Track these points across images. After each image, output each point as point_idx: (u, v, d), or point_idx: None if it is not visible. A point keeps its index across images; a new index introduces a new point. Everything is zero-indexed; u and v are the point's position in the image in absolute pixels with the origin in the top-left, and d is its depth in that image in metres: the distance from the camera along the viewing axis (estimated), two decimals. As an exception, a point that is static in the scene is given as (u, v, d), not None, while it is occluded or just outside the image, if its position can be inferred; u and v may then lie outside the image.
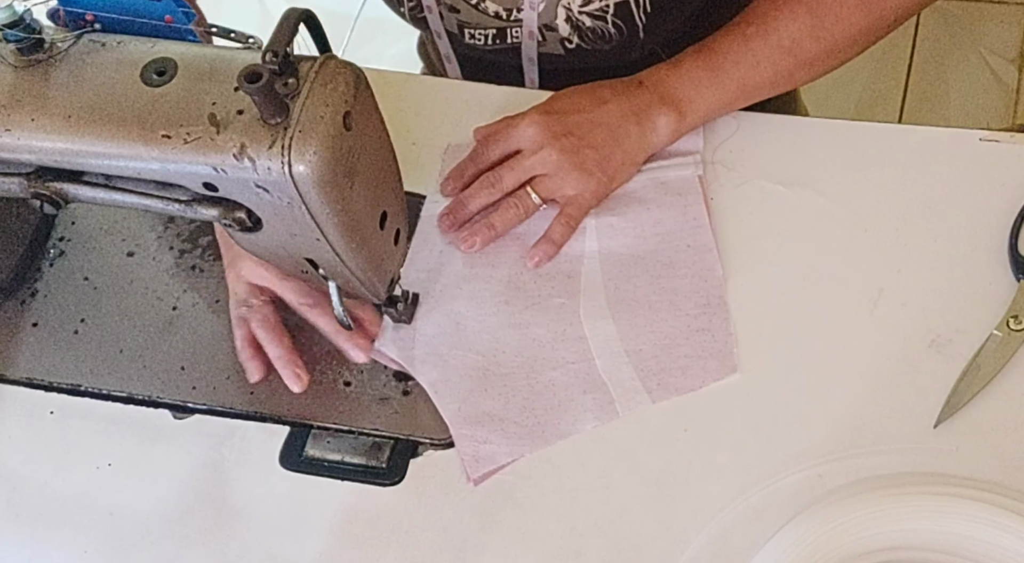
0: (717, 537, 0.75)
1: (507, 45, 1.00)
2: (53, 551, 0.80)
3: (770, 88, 0.89)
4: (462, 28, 1.00)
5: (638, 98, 0.87)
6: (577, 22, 0.95)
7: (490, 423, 0.80)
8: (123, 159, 0.67)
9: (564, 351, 0.83)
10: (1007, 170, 0.86)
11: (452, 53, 1.05)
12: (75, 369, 0.87)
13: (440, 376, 0.83)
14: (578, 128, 0.86)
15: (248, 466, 0.82)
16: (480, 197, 0.88)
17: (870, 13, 0.86)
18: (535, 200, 0.87)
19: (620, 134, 0.87)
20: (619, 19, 0.94)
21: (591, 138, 0.86)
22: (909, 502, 0.72)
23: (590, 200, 0.87)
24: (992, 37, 1.89)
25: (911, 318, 0.81)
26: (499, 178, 0.87)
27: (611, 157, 0.86)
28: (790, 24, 0.85)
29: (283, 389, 0.84)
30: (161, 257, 0.92)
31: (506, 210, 0.87)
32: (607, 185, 0.87)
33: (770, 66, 0.87)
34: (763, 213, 0.87)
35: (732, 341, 0.81)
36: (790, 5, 0.86)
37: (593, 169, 0.86)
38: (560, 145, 0.86)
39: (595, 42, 0.96)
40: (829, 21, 0.85)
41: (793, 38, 0.86)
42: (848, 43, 0.87)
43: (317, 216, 0.68)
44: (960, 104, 1.85)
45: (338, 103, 0.65)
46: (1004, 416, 0.77)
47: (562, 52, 0.98)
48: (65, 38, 0.69)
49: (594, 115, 0.87)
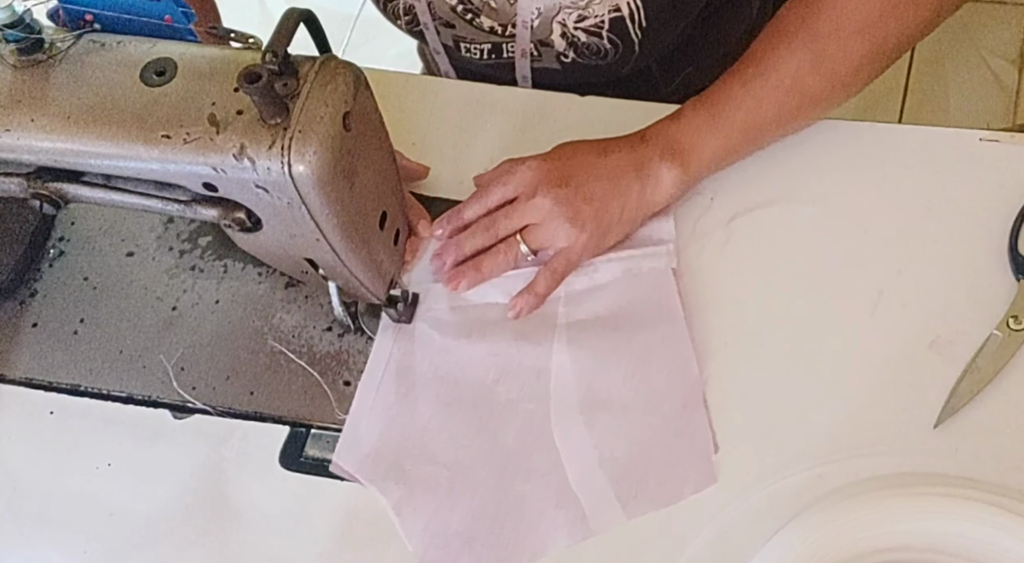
0: (717, 537, 0.75)
1: (503, 60, 1.00)
2: (53, 551, 0.80)
3: (776, 128, 0.86)
4: (458, 43, 1.00)
5: (640, 152, 0.84)
6: (572, 38, 0.95)
7: (459, 545, 0.76)
8: (123, 159, 0.67)
9: (535, 460, 0.78)
10: (1007, 170, 0.86)
11: (451, 69, 1.05)
12: (75, 369, 0.87)
13: (405, 493, 0.78)
14: (575, 178, 0.83)
15: (248, 466, 0.82)
16: (474, 240, 0.85)
17: (870, 40, 0.83)
18: (523, 250, 0.84)
19: (620, 188, 0.83)
20: (614, 34, 0.93)
21: (588, 189, 0.83)
22: (909, 502, 0.72)
23: (580, 254, 0.84)
24: (992, 37, 1.89)
25: (911, 319, 0.81)
26: (493, 222, 0.85)
27: (607, 211, 0.83)
28: (789, 61, 0.83)
29: (283, 389, 0.84)
30: (161, 257, 0.92)
31: (494, 256, 0.84)
32: (600, 240, 0.84)
33: (774, 106, 0.84)
34: (763, 213, 0.87)
35: (711, 445, 0.77)
36: (787, 41, 0.83)
37: (587, 222, 0.83)
38: (555, 194, 0.83)
39: (591, 57, 0.96)
40: (829, 53, 0.82)
41: (794, 75, 0.83)
42: (851, 74, 0.84)
43: (317, 216, 0.68)
44: (960, 104, 1.85)
45: (338, 103, 0.65)
46: (1004, 416, 0.77)
47: (558, 67, 0.98)
48: (65, 38, 0.69)
49: (594, 166, 0.84)
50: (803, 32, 0.83)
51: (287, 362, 0.86)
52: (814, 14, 0.83)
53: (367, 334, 0.86)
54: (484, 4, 0.95)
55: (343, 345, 0.86)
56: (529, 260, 0.85)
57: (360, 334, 0.86)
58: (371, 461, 0.80)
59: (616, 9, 0.92)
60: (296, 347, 0.86)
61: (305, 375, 0.85)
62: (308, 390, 0.84)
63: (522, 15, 0.94)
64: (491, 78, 1.00)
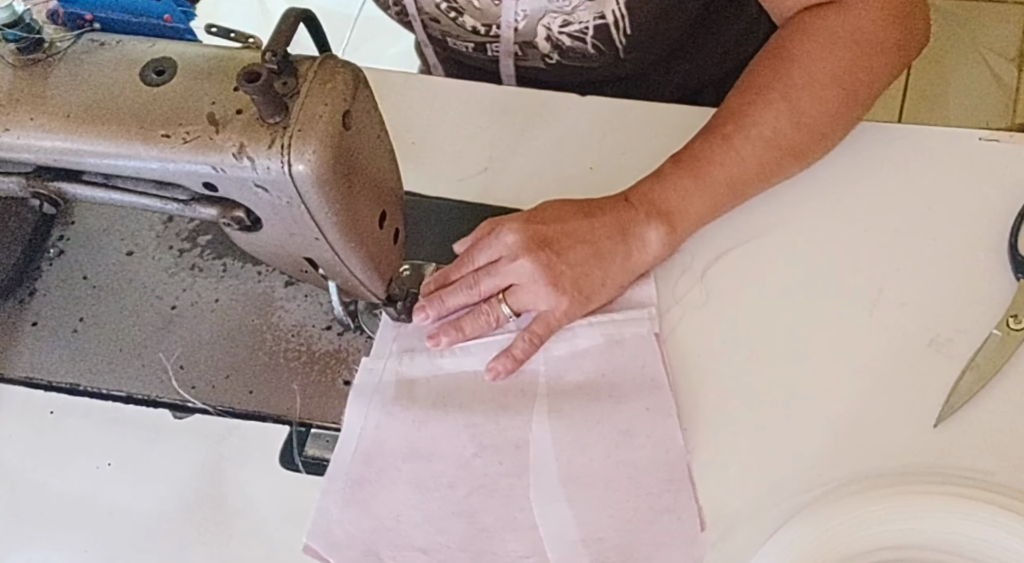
0: (717, 537, 0.75)
1: (487, 56, 1.00)
2: (53, 551, 0.80)
3: (759, 183, 0.85)
4: (444, 37, 1.00)
5: (625, 214, 0.83)
6: (557, 41, 0.95)
7: None
8: (122, 158, 0.67)
9: (515, 542, 0.75)
10: (1007, 170, 0.86)
11: (439, 62, 1.06)
12: (74, 368, 0.87)
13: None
14: (558, 242, 0.81)
15: (248, 466, 0.82)
16: (456, 296, 0.83)
17: (843, 89, 0.83)
18: (505, 311, 0.82)
19: (603, 253, 0.82)
20: (598, 41, 0.93)
21: (570, 255, 0.81)
22: (909, 502, 0.72)
23: (560, 319, 0.82)
24: (992, 36, 1.89)
25: (910, 318, 0.81)
26: (476, 281, 0.83)
27: (589, 277, 0.81)
28: (766, 114, 0.83)
29: (283, 389, 0.84)
30: (160, 256, 0.92)
31: (476, 317, 0.82)
32: (582, 305, 0.82)
33: (755, 161, 0.83)
34: (763, 212, 0.87)
35: (698, 523, 0.75)
36: (763, 96, 0.83)
37: (567, 287, 0.81)
38: (535, 257, 0.81)
39: (575, 60, 0.96)
40: (805, 104, 0.82)
41: (773, 128, 0.82)
42: (828, 124, 0.84)
43: (316, 215, 0.67)
44: (960, 104, 1.85)
45: (337, 102, 0.65)
46: (1004, 416, 0.77)
47: (543, 67, 0.98)
48: (64, 37, 0.69)
49: (578, 230, 0.82)
50: (778, 85, 0.83)
51: (287, 361, 0.86)
52: (786, 67, 0.84)
53: (366, 333, 0.86)
54: (468, 3, 0.95)
55: (342, 344, 0.86)
56: (512, 320, 0.83)
57: (359, 333, 0.86)
58: (345, 547, 0.77)
59: (601, 16, 0.92)
60: (295, 346, 0.86)
61: (305, 374, 0.85)
62: (308, 389, 0.84)
63: (506, 16, 0.94)
64: (479, 71, 1.00)
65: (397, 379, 0.83)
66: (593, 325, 0.83)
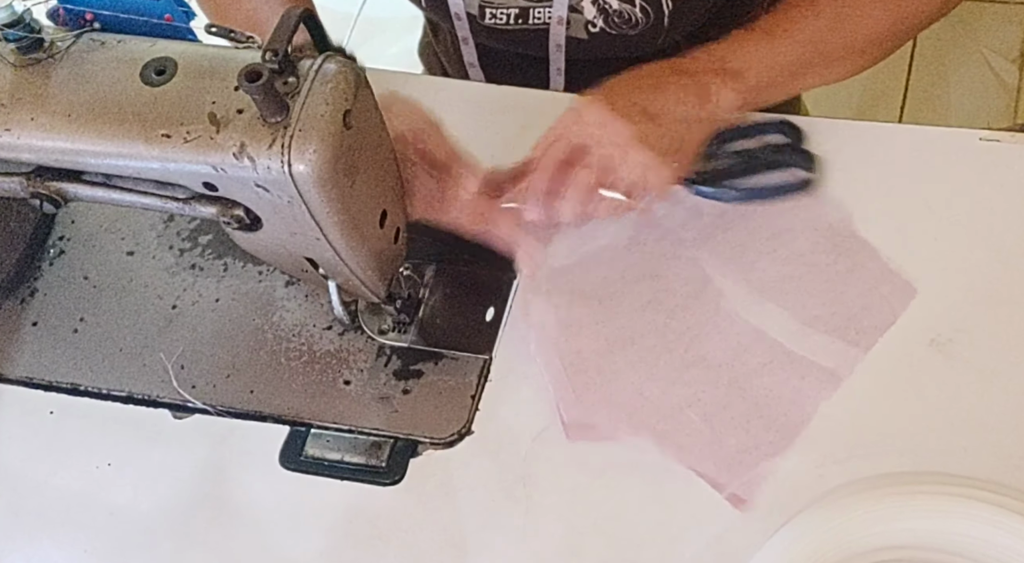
0: (717, 537, 0.75)
1: (528, 26, 0.98)
2: (53, 551, 0.80)
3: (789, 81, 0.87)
4: (483, 8, 0.99)
5: (695, 75, 0.84)
6: (604, 4, 0.94)
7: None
8: (123, 158, 0.67)
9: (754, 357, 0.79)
10: (1007, 170, 0.86)
11: (476, 60, 1.04)
12: (75, 368, 0.87)
13: None
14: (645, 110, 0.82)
15: (248, 466, 0.82)
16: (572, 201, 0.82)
17: (893, 12, 0.86)
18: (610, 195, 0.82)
19: (686, 113, 0.83)
20: (646, 3, 0.93)
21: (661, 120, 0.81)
22: (909, 502, 0.72)
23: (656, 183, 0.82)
24: (993, 37, 1.89)
25: (911, 317, 0.81)
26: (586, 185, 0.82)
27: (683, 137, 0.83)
28: (813, 21, 0.85)
29: (283, 387, 0.84)
30: (161, 256, 0.92)
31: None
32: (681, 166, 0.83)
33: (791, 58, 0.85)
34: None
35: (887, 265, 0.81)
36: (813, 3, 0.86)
37: (666, 150, 0.81)
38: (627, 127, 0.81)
39: (620, 26, 0.95)
40: (851, 16, 0.85)
41: (813, 30, 0.85)
42: (869, 42, 0.87)
43: (317, 215, 0.68)
44: (960, 104, 1.85)
45: (338, 102, 0.65)
46: (1004, 416, 0.77)
47: (585, 36, 0.97)
48: (65, 37, 0.69)
49: (655, 96, 0.83)
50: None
51: (287, 360, 0.86)
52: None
53: (367, 333, 0.86)
54: None
55: (343, 343, 0.86)
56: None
57: (360, 332, 0.86)
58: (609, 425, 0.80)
59: None
60: (296, 345, 0.86)
61: (305, 373, 0.85)
62: (308, 389, 0.84)
63: None
64: (517, 56, 0.99)
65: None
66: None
